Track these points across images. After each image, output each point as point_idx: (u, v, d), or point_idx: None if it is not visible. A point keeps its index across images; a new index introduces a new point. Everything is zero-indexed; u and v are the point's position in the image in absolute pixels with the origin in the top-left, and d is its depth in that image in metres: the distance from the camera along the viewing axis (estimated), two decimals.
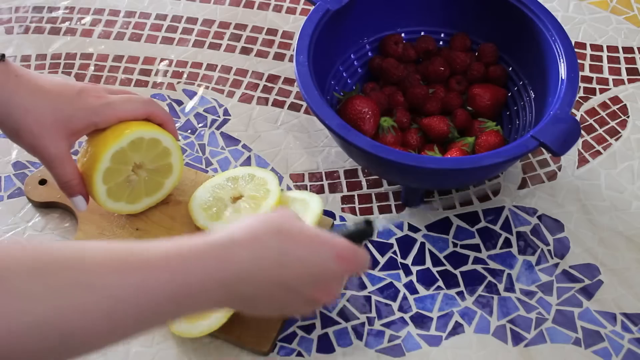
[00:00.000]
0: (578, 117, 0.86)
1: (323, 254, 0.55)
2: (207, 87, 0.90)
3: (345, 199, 0.79)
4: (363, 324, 0.70)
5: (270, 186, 0.74)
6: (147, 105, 0.68)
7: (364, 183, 0.81)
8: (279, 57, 0.94)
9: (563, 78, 0.72)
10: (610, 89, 0.88)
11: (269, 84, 0.91)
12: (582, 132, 0.84)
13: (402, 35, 0.85)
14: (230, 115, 0.88)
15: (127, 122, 0.67)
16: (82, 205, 0.69)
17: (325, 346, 0.69)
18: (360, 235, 0.60)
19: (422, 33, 0.86)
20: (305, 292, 0.55)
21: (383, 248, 0.75)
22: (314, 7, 0.77)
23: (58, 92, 0.64)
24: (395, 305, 0.71)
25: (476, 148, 0.75)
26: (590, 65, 0.91)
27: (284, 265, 0.53)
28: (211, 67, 0.93)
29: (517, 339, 0.69)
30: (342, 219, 0.78)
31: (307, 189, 0.80)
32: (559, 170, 0.81)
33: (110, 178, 0.67)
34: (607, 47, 0.93)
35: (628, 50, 0.92)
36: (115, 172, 0.67)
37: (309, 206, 0.70)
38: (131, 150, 0.66)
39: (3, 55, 0.63)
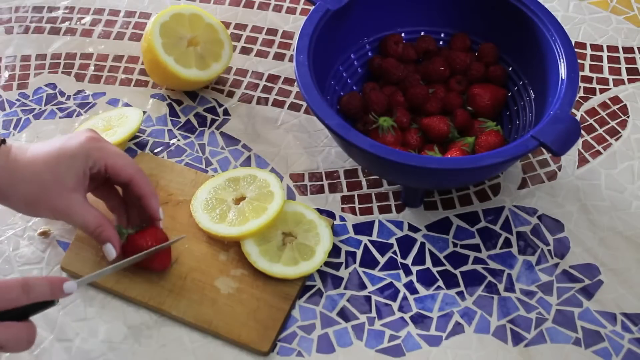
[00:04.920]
0: (578, 117, 0.86)
1: None
2: (206, 87, 0.90)
3: (345, 199, 0.79)
4: (363, 324, 0.70)
5: (273, 188, 0.75)
6: (136, 169, 0.70)
7: (364, 183, 0.81)
8: (279, 57, 0.94)
9: (563, 78, 0.72)
10: (610, 89, 0.88)
11: (269, 84, 0.91)
12: (582, 132, 0.84)
13: (402, 35, 0.85)
14: (230, 115, 0.88)
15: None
16: (112, 253, 0.68)
17: (325, 346, 0.69)
18: (34, 308, 0.59)
19: (422, 33, 0.86)
20: None
21: (383, 248, 0.75)
22: (314, 7, 0.77)
23: (54, 162, 0.67)
24: (395, 305, 0.71)
25: (476, 148, 0.75)
26: (590, 65, 0.91)
27: None
28: None
29: (517, 339, 0.69)
30: (342, 218, 0.78)
31: (307, 189, 0.80)
32: (559, 170, 0.81)
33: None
34: (607, 47, 0.93)
35: (628, 50, 0.92)
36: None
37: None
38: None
39: (4, 140, 0.67)
